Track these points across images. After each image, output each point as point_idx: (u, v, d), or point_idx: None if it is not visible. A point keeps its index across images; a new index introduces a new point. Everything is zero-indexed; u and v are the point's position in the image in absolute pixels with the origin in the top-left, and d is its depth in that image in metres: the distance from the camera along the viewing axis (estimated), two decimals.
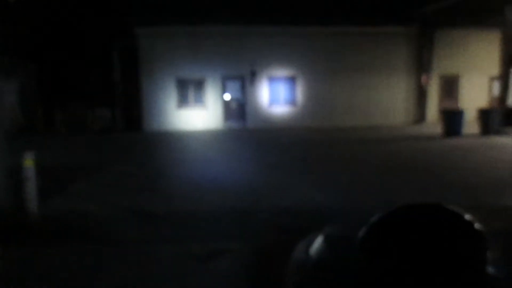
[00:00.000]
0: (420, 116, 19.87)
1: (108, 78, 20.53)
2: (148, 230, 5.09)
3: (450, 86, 20.34)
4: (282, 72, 19.18)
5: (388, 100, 19.89)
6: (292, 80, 19.35)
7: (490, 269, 0.69)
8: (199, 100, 18.92)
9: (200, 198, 6.55)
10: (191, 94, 18.86)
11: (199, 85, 18.84)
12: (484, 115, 14.61)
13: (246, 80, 18.97)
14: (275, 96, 19.34)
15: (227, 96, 19.18)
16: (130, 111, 19.66)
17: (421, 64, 19.63)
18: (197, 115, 18.90)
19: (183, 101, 18.84)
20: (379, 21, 18.85)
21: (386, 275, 0.70)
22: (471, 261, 0.68)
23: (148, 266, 3.98)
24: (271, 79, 19.18)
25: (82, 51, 22.17)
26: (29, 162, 5.28)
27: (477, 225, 0.74)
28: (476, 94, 20.10)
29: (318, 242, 1.27)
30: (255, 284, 3.55)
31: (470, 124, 15.36)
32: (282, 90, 19.38)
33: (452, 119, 14.45)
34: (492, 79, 19.63)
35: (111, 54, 19.75)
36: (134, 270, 3.89)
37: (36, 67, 20.75)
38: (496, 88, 17.61)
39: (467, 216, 0.74)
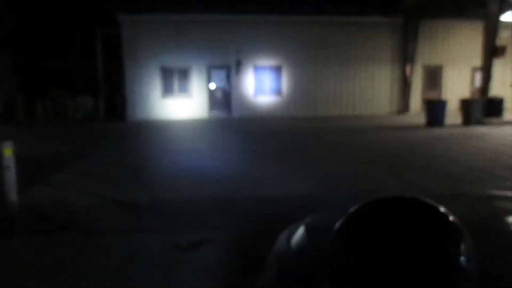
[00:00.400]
0: (404, 106, 20.07)
1: (90, 66, 20.18)
2: (130, 220, 5.04)
3: (433, 77, 20.56)
4: (267, 61, 19.10)
5: (372, 90, 20.01)
6: (277, 69, 19.29)
7: (463, 261, 0.69)
8: (184, 89, 18.73)
9: (183, 187, 6.51)
10: (175, 83, 18.65)
11: (184, 74, 18.63)
12: (466, 105, 14.84)
13: (231, 69, 18.84)
14: (261, 85, 19.27)
15: (213, 86, 19.04)
16: (113, 100, 19.37)
17: (405, 55, 19.77)
18: (182, 105, 18.72)
19: (167, 90, 18.63)
20: (365, 11, 18.87)
21: (359, 268, 0.69)
22: (444, 254, 0.68)
23: (129, 256, 3.95)
24: (257, 69, 19.09)
25: (64, 38, 21.71)
26: (8, 151, 5.17)
27: (452, 218, 0.73)
28: (459, 84, 20.37)
29: (299, 233, 1.26)
30: (236, 274, 3.56)
31: (453, 114, 15.58)
32: (268, 79, 19.32)
33: (435, 109, 14.64)
34: (474, 70, 19.89)
35: (94, 42, 19.38)
36: (115, 260, 3.85)
37: (14, 54, 20.21)
38: (478, 79, 17.86)
39: (442, 209, 0.73)
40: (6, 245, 4.31)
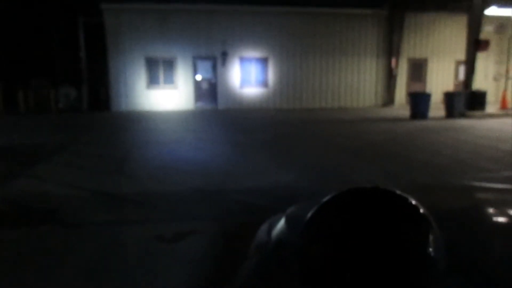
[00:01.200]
0: (388, 98, 20.23)
1: (73, 55, 19.80)
2: (114, 212, 4.99)
3: (418, 70, 20.75)
4: (253, 53, 19.00)
5: (358, 82, 20.12)
6: (263, 61, 19.21)
7: (431, 252, 0.69)
8: (169, 80, 18.53)
9: (168, 179, 6.46)
10: (161, 73, 18.44)
11: (169, 64, 18.42)
12: (450, 98, 15.02)
13: (217, 60, 18.70)
14: (247, 77, 19.19)
15: (198, 77, 18.89)
16: (97, 90, 19.06)
17: (391, 47, 19.89)
18: (167, 96, 18.54)
19: (152, 80, 18.41)
20: (351, 2, 18.89)
21: (326, 258, 0.69)
22: (412, 244, 0.67)
23: (114, 248, 3.91)
24: (243, 60, 18.98)
25: (46, 27, 21.23)
26: None
27: (421, 209, 0.73)
28: (443, 77, 20.61)
29: (280, 224, 1.25)
30: (221, 264, 3.55)
31: (437, 107, 15.77)
32: (254, 71, 19.24)
33: (419, 101, 14.79)
34: (458, 63, 20.13)
35: (77, 31, 19.01)
36: (99, 252, 3.81)
37: None
38: (462, 72, 18.09)
39: (412, 200, 0.73)
40: None
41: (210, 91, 19.03)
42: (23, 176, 6.67)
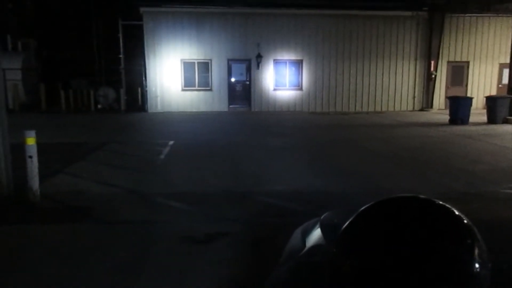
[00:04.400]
0: (427, 102, 19.65)
1: (112, 57, 20.42)
2: (146, 212, 5.07)
3: (459, 73, 20.04)
4: (288, 55, 18.94)
5: (395, 86, 19.65)
6: (298, 63, 19.12)
7: (475, 267, 0.64)
8: (204, 82, 18.75)
9: (200, 180, 6.52)
10: (196, 75, 18.69)
11: (205, 66, 18.66)
12: (492, 103, 14.40)
13: (252, 63, 18.76)
14: (281, 79, 19.14)
15: (233, 79, 19.04)
16: (134, 91, 19.56)
17: (430, 50, 19.32)
18: (202, 97, 18.77)
19: (188, 82, 18.68)
20: (389, 5, 18.50)
21: (360, 271, 0.65)
22: (456, 258, 0.63)
23: (146, 247, 3.97)
24: (277, 62, 18.96)
25: (87, 29, 22.02)
26: (30, 140, 5.26)
27: (466, 221, 0.68)
28: (486, 81, 19.81)
29: (314, 230, 1.22)
30: (251, 267, 3.53)
31: (479, 112, 15.16)
32: (288, 73, 19.18)
33: (459, 106, 14.23)
34: (502, 66, 19.30)
35: (116, 33, 19.59)
36: (132, 251, 3.88)
37: (38, 44, 20.56)
38: (506, 75, 17.30)
39: (456, 211, 0.68)
40: (24, 231, 4.39)
41: (244, 93, 19.12)
42: (63, 173, 6.91)
